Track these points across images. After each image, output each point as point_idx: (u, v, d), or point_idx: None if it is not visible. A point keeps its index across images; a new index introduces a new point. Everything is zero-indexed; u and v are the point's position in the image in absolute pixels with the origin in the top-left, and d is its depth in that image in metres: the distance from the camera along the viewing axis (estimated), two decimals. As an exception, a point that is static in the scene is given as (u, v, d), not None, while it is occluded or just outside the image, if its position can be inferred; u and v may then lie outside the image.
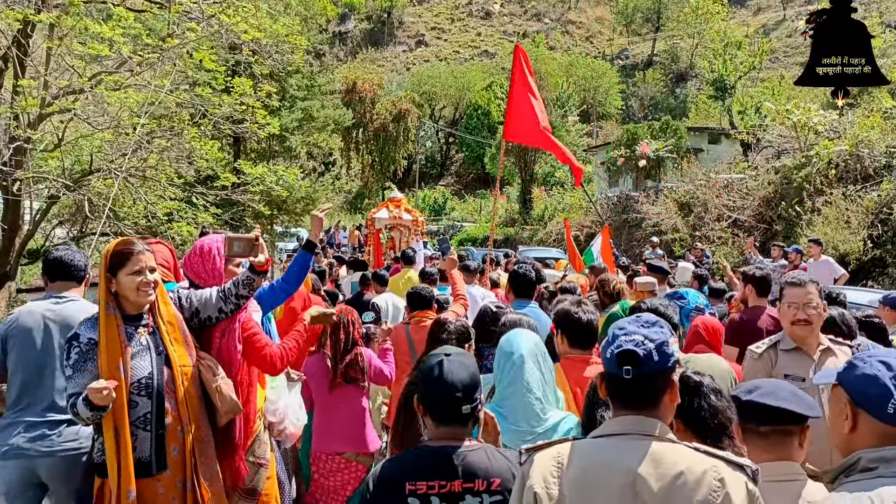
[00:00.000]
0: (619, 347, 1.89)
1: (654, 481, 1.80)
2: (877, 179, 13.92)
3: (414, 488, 2.20)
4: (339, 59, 60.04)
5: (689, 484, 1.79)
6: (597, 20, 69.57)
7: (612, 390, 1.97)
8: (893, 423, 1.78)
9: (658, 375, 1.90)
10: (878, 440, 1.81)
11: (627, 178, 25.88)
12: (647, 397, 1.92)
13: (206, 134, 12.49)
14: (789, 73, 44.46)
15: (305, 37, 18.00)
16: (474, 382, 2.30)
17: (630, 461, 1.84)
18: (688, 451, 1.86)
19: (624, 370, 1.87)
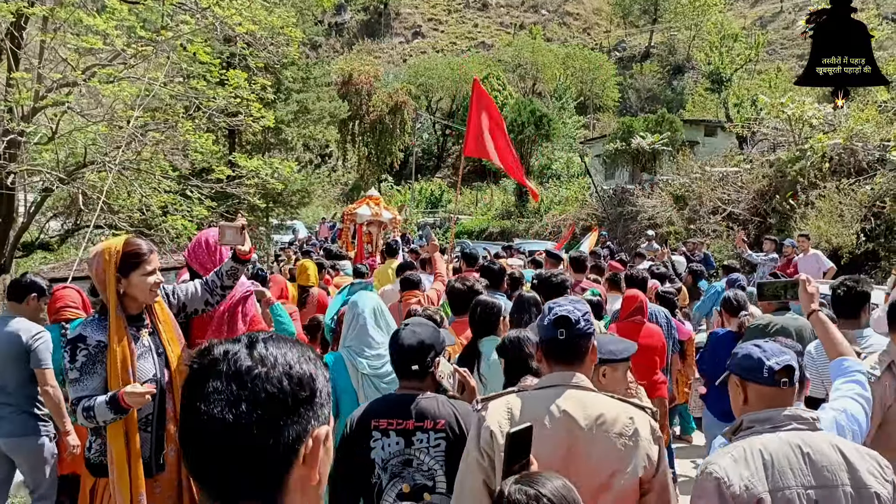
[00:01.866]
0: (556, 314, 2.42)
1: (583, 420, 2.33)
2: (870, 173, 13.96)
3: (377, 424, 2.83)
4: (336, 51, 59.90)
5: (609, 421, 2.33)
6: (594, 12, 69.43)
7: (548, 351, 2.47)
8: (769, 383, 2.33)
9: (583, 337, 2.43)
10: (764, 402, 2.34)
11: (623, 171, 25.91)
12: (576, 355, 2.44)
13: (200, 127, 12.49)
14: (786, 66, 44.43)
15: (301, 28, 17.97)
16: (422, 347, 2.88)
17: (564, 405, 2.35)
18: (606, 398, 2.42)
19: (559, 332, 2.40)
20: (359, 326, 4.01)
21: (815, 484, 2.14)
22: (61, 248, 17.42)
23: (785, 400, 2.33)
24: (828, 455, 2.19)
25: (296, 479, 1.08)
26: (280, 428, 1.05)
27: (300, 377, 1.09)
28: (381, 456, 2.81)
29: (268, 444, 1.05)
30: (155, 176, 12.42)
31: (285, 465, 1.07)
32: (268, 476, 1.06)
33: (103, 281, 3.11)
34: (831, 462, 2.17)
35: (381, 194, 39.84)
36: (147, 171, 12.30)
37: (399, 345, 2.92)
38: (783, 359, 2.33)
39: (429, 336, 2.94)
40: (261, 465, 1.05)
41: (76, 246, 17.62)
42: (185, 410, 1.10)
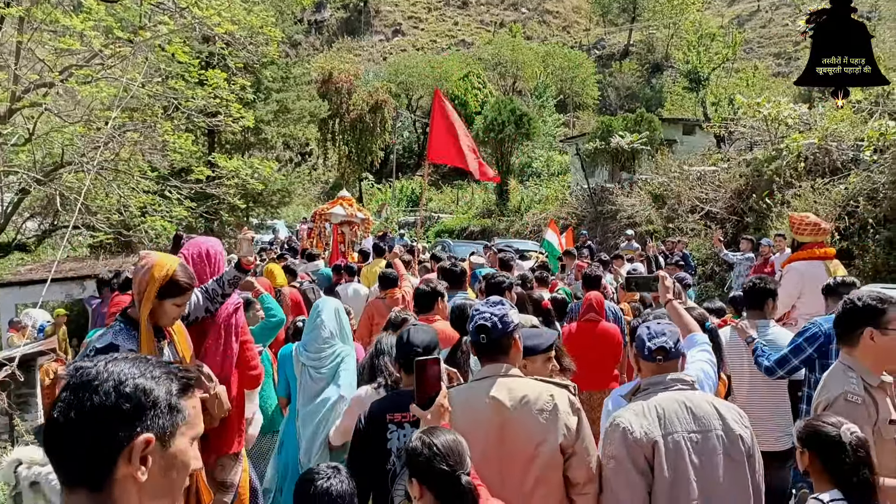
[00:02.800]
0: (476, 323, 2.89)
1: (509, 402, 2.77)
2: (844, 172, 14.15)
3: (392, 418, 3.18)
4: (316, 49, 59.67)
5: (531, 400, 2.77)
6: (574, 10, 69.69)
7: (477, 350, 2.96)
8: (650, 359, 2.96)
9: (503, 337, 2.87)
10: (651, 371, 2.99)
11: (603, 170, 26.06)
12: (500, 351, 2.90)
13: (179, 127, 12.44)
14: (763, 64, 44.86)
15: (280, 28, 17.92)
16: (430, 346, 3.31)
17: (493, 392, 2.79)
18: (531, 381, 2.89)
19: (480, 337, 2.87)
20: (315, 326, 4.67)
21: (696, 429, 2.79)
22: (38, 249, 17.28)
23: (667, 369, 2.96)
24: (704, 408, 2.84)
25: (123, 475, 1.31)
26: (101, 431, 1.30)
27: (127, 392, 1.33)
28: (397, 445, 3.16)
29: (89, 444, 1.29)
30: (133, 176, 12.36)
31: (108, 462, 1.30)
32: (92, 469, 1.30)
33: (141, 293, 3.25)
34: (707, 413, 2.82)
35: (362, 193, 39.95)
36: (125, 171, 12.24)
37: (410, 344, 3.31)
38: (659, 340, 2.95)
39: (433, 337, 3.42)
40: (86, 459, 1.30)
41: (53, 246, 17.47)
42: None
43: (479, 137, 31.88)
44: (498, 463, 2.75)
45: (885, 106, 15.16)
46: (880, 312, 3.21)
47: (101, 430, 1.30)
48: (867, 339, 3.21)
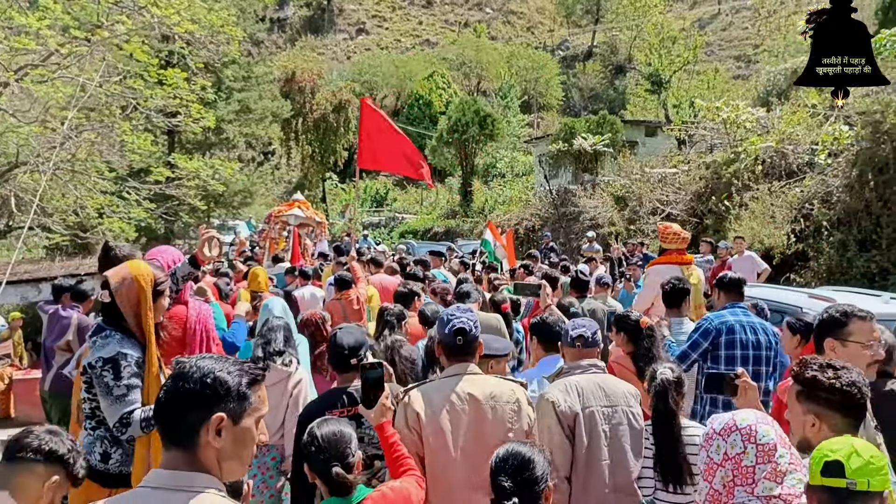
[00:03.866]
0: (454, 326, 3.21)
1: (481, 396, 3.16)
2: (800, 175, 14.45)
3: (332, 414, 3.29)
4: (278, 47, 59.15)
5: (499, 394, 3.19)
6: (538, 10, 70.07)
7: (449, 351, 3.28)
8: (571, 345, 3.65)
9: (474, 340, 3.27)
10: (571, 357, 3.68)
11: (566, 172, 26.25)
12: (470, 353, 3.27)
13: (138, 127, 12.26)
14: (723, 67, 45.55)
15: (242, 26, 17.73)
16: (358, 345, 3.53)
17: (466, 388, 3.17)
18: (493, 378, 3.33)
19: (457, 339, 3.21)
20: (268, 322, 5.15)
21: (608, 404, 3.46)
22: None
23: (585, 355, 3.63)
24: (615, 388, 3.54)
25: (204, 441, 1.79)
26: (190, 409, 1.79)
27: (209, 382, 1.80)
28: None
29: (182, 417, 1.79)
30: (90, 177, 12.14)
31: (194, 431, 1.78)
32: (184, 435, 1.79)
33: (137, 305, 3.30)
34: (617, 392, 3.52)
35: (325, 193, 39.72)
36: (82, 172, 12.03)
37: (339, 344, 3.52)
38: (579, 330, 3.63)
39: (360, 337, 3.61)
40: (180, 428, 1.79)
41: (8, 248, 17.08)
42: None
43: (444, 138, 31.92)
44: (475, 449, 3.10)
45: (841, 110, 15.50)
46: (842, 324, 3.35)
47: (190, 408, 1.79)
48: (829, 350, 3.34)
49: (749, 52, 49.35)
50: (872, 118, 12.61)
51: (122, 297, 3.27)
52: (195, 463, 1.80)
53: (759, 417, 2.43)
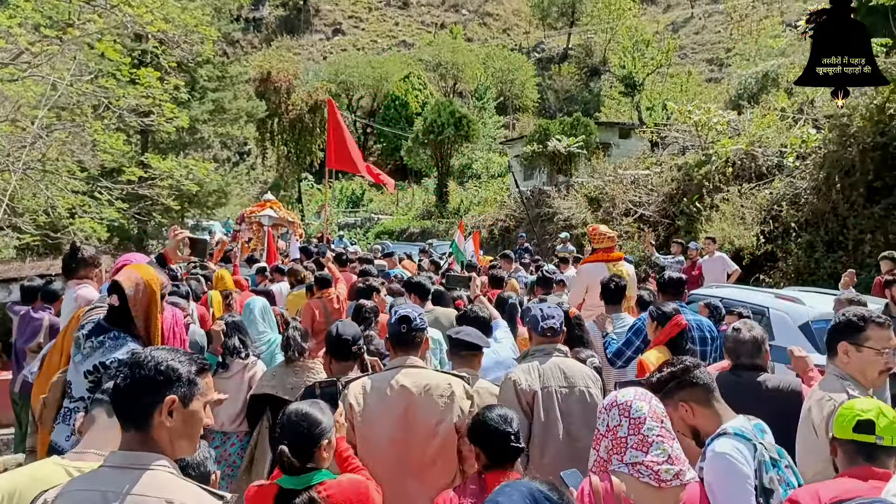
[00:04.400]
0: (399, 314, 3.55)
1: (414, 388, 3.38)
2: (769, 178, 14.68)
3: None
4: (254, 46, 58.81)
5: (433, 387, 3.41)
6: (514, 12, 70.31)
7: (394, 341, 3.57)
8: (541, 334, 4.02)
9: (418, 331, 3.55)
10: (537, 343, 4.05)
11: (542, 173, 26.41)
12: (413, 344, 3.55)
13: (110, 127, 12.15)
14: (696, 70, 46.07)
15: (217, 26, 17.63)
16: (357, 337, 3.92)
17: (401, 380, 3.40)
18: (433, 372, 3.59)
19: (401, 327, 3.50)
20: (252, 321, 5.75)
21: (565, 384, 3.84)
22: (-39, 251, 16.63)
23: (551, 342, 4.02)
24: (573, 370, 3.93)
25: (158, 422, 2.03)
26: (145, 392, 2.04)
27: (163, 369, 2.05)
28: None
29: (137, 400, 2.04)
30: (62, 177, 12.02)
31: (149, 413, 2.03)
32: (139, 416, 2.03)
33: (148, 309, 3.47)
34: (574, 374, 3.90)
35: (301, 193, 39.55)
36: (53, 171, 11.90)
37: (340, 336, 3.87)
38: (550, 321, 4.00)
39: (357, 329, 4.04)
40: (135, 409, 2.04)
41: (-23, 248, 16.84)
42: None
43: (419, 139, 31.96)
44: (404, 438, 3.32)
45: (809, 114, 15.78)
46: (859, 329, 3.29)
47: (146, 392, 2.03)
48: (842, 354, 3.31)
49: (721, 56, 49.92)
50: (839, 121, 12.87)
51: (135, 302, 3.40)
52: (148, 442, 2.05)
53: (638, 394, 2.69)
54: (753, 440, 2.78)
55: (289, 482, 2.72)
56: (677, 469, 2.52)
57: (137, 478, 1.98)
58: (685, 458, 2.62)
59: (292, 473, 2.72)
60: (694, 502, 2.59)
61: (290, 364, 4.49)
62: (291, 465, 2.72)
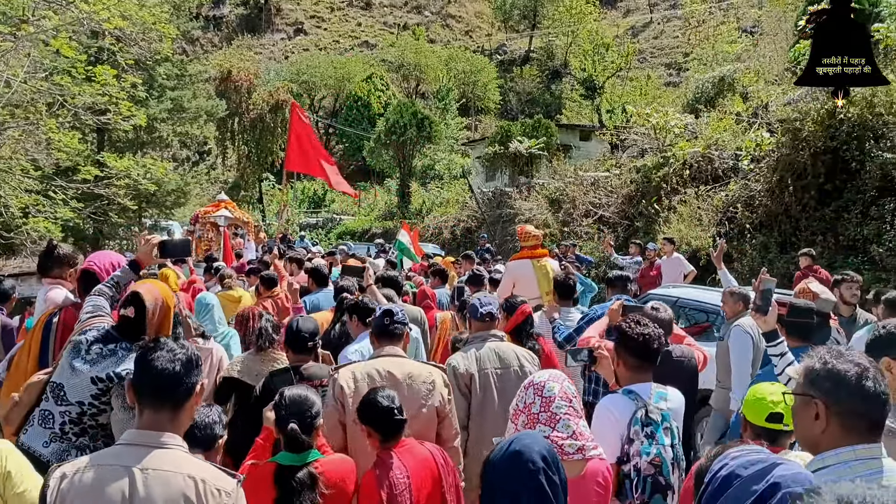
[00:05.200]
0: (383, 309, 3.88)
1: (400, 375, 3.65)
2: (725, 180, 14.97)
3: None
4: (214, 45, 58.14)
5: (416, 375, 3.69)
6: (476, 15, 70.56)
7: (378, 333, 3.84)
8: (480, 320, 4.44)
9: (401, 324, 3.84)
10: (476, 329, 4.47)
11: (503, 174, 26.56)
12: (396, 336, 3.83)
13: (65, 125, 11.95)
14: (655, 74, 46.72)
15: (175, 24, 17.40)
16: (314, 331, 4.24)
17: (388, 367, 3.68)
18: (415, 362, 3.88)
19: (385, 319, 3.80)
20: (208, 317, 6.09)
21: (500, 366, 4.26)
22: None
23: (487, 327, 4.44)
24: (508, 353, 4.33)
25: (192, 403, 2.31)
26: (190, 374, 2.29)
27: (193, 356, 2.34)
28: None
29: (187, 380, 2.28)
30: (15, 175, 11.79)
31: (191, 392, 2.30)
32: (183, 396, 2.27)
33: (160, 326, 3.52)
34: (509, 356, 4.31)
35: (262, 193, 39.21)
36: (6, 170, 11.67)
37: (299, 330, 4.18)
38: (488, 307, 4.45)
39: (315, 325, 4.32)
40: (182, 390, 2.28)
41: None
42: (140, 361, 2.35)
43: (382, 139, 31.91)
44: None
45: (763, 118, 16.12)
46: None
47: (189, 373, 2.28)
48: (885, 369, 3.02)
49: (679, 60, 50.68)
50: (792, 125, 13.17)
51: (152, 316, 3.45)
52: (174, 421, 2.25)
53: (552, 376, 3.06)
54: (639, 401, 3.27)
55: (289, 459, 2.88)
56: (580, 444, 2.84)
57: (157, 454, 2.15)
58: (591, 435, 2.97)
59: (297, 451, 2.89)
60: (595, 477, 2.90)
61: (259, 353, 4.71)
62: (300, 443, 2.90)
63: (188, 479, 2.13)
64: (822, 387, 2.04)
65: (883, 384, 2.03)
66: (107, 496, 2.08)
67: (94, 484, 2.10)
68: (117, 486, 2.09)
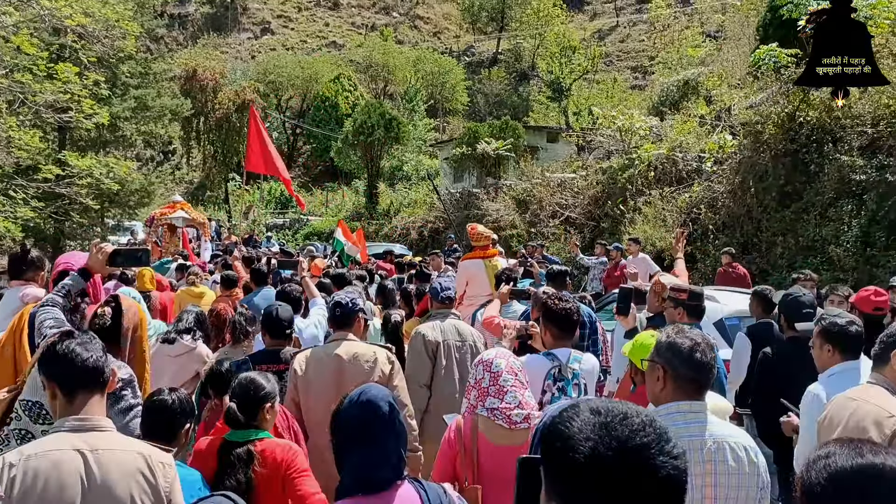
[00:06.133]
0: (334, 300, 4.36)
1: (345, 356, 4.14)
2: (689, 182, 15.20)
3: (260, 368, 4.03)
4: (179, 44, 57.39)
5: (360, 354, 4.18)
6: (444, 16, 70.63)
7: (332, 322, 4.37)
8: (441, 301, 5.16)
9: (351, 313, 4.28)
10: (436, 307, 5.19)
11: (471, 175, 26.63)
12: (347, 323, 4.30)
13: (25, 122, 11.75)
14: (621, 77, 47.19)
15: (139, 21, 17.19)
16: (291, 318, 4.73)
17: (335, 350, 4.19)
18: (361, 343, 4.30)
19: (336, 311, 4.28)
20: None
21: (459, 339, 5.00)
22: None
23: (447, 307, 5.15)
24: (465, 330, 5.12)
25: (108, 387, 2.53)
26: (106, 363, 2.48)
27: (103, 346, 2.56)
28: None
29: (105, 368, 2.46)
30: (-27, 174, 11.56)
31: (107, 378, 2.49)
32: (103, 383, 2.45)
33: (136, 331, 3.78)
34: (466, 332, 5.11)
35: (228, 194, 38.84)
36: (-36, 169, 11.44)
37: (277, 317, 4.60)
38: (448, 292, 5.19)
39: (291, 314, 4.77)
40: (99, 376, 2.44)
41: None
42: None
43: (349, 140, 31.80)
44: (336, 396, 3.57)
45: (726, 121, 16.39)
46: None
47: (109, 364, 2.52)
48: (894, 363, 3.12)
49: (645, 64, 51.24)
50: (754, 128, 13.42)
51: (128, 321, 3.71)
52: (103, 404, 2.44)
53: (499, 353, 3.37)
54: (555, 361, 3.90)
55: (233, 436, 3.17)
56: (526, 413, 3.10)
57: (101, 435, 2.26)
58: (535, 406, 3.26)
59: (237, 428, 3.17)
60: None
61: (235, 345, 5.06)
62: (236, 420, 3.17)
63: (137, 456, 2.26)
64: (664, 355, 2.58)
65: (709, 356, 2.55)
66: (62, 479, 2.14)
67: (48, 469, 2.15)
68: (71, 468, 2.16)
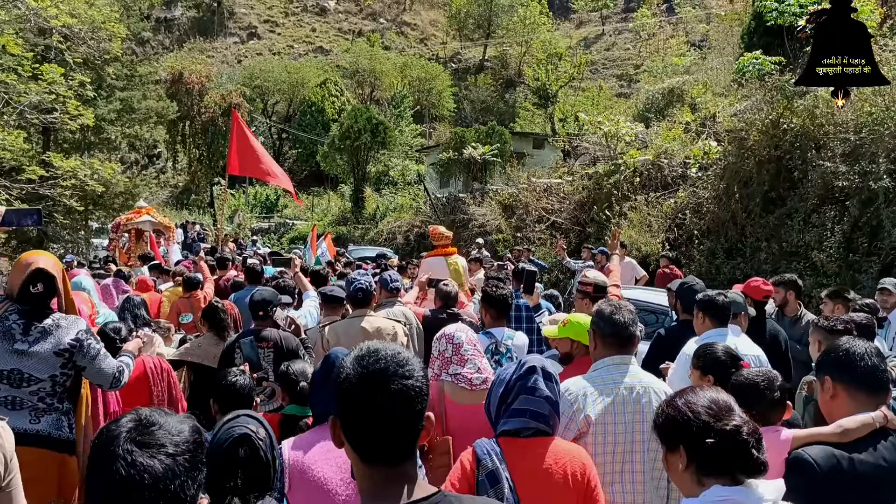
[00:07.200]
0: (358, 286, 5.13)
1: (370, 328, 4.91)
2: (674, 187, 15.30)
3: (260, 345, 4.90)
4: (165, 47, 57.17)
5: (382, 328, 4.96)
6: (431, 23, 70.78)
7: (352, 302, 5.25)
8: (391, 291, 5.78)
9: (370, 295, 5.20)
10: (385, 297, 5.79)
11: (457, 180, 26.68)
12: (366, 303, 5.15)
13: (10, 123, 11.68)
14: (607, 85, 47.47)
15: (125, 24, 17.12)
16: (267, 301, 5.07)
17: (360, 324, 4.95)
18: (383, 318, 5.16)
19: (358, 293, 5.08)
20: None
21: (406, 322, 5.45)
22: None
23: (394, 296, 5.75)
24: (409, 316, 5.56)
25: None
26: None
27: None
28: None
29: None
30: (-45, 175, 11.47)
31: None
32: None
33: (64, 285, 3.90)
34: (411, 316, 5.58)
35: (213, 198, 38.68)
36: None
37: (255, 300, 5.08)
38: (395, 283, 5.84)
39: (271, 295, 5.21)
40: None
41: None
42: None
43: (336, 145, 31.78)
44: None
45: (711, 128, 16.53)
46: None
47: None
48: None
49: (630, 72, 51.60)
50: (738, 135, 13.53)
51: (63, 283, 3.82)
52: None
53: (458, 328, 3.79)
54: (493, 338, 4.62)
55: (295, 410, 3.74)
56: (485, 377, 3.55)
57: None
58: (492, 371, 3.66)
59: (303, 404, 3.66)
60: None
61: (216, 338, 5.45)
62: (305, 397, 3.60)
63: None
64: (595, 321, 3.34)
65: (628, 317, 3.26)
66: None
67: None
68: None
